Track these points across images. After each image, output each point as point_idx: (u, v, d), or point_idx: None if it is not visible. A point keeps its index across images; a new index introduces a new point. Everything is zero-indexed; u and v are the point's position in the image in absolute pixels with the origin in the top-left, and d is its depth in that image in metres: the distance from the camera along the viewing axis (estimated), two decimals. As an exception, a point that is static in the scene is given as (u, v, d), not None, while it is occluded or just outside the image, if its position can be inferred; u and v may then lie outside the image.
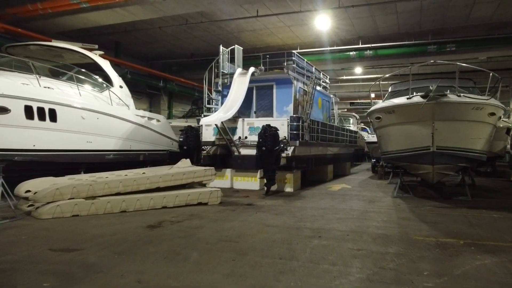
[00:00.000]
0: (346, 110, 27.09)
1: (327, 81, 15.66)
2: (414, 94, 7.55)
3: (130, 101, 11.43)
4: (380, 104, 8.30)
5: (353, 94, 29.97)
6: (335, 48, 16.45)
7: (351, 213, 7.26)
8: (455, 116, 7.05)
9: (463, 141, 7.45)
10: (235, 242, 5.04)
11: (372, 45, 15.88)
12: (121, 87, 11.26)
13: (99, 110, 9.84)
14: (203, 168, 8.69)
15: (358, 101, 31.82)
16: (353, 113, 26.25)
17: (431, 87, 6.78)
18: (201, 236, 5.35)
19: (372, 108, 8.97)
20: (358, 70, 21.23)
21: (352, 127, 21.56)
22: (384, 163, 14.84)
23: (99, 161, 10.10)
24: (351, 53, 16.63)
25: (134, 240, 5.09)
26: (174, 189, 8.15)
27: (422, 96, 6.90)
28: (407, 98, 7.22)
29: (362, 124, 30.07)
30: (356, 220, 6.61)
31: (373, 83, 9.48)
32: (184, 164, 9.05)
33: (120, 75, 11.98)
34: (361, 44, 15.99)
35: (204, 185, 8.86)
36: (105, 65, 11.06)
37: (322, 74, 15.01)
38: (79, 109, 9.24)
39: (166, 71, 20.70)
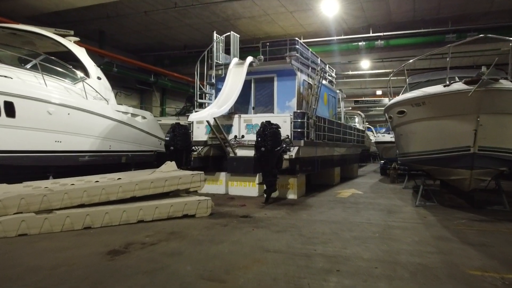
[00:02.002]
0: (350, 108, 25.68)
1: (333, 74, 14.22)
2: (449, 81, 6.11)
3: (110, 95, 10.01)
4: (406, 95, 6.87)
5: (358, 92, 28.52)
6: (342, 37, 14.95)
7: (371, 230, 5.84)
8: (507, 108, 5.62)
9: (510, 140, 6.01)
10: (221, 282, 3.60)
11: (384, 33, 14.39)
12: (99, 78, 9.83)
13: (70, 104, 8.42)
14: (190, 173, 7.26)
15: (363, 99, 30.36)
16: (358, 112, 24.85)
17: (483, 70, 5.35)
18: (175, 269, 3.93)
19: (393, 100, 7.53)
20: (365, 64, 19.72)
21: (358, 126, 20.14)
22: (397, 165, 13.42)
23: (71, 164, 8.68)
24: (360, 43, 15.13)
25: (80, 277, 3.66)
26: (155, 198, 6.73)
27: (467, 83, 5.46)
28: (444, 86, 5.77)
29: (367, 123, 28.64)
30: (380, 240, 5.18)
31: (393, 71, 7.99)
32: (169, 168, 7.62)
33: (99, 65, 10.55)
34: (372, 33, 14.50)
35: (196, 192, 7.45)
36: (80, 53, 9.63)
37: (328, 67, 13.57)
38: (44, 103, 7.81)
39: (158, 64, 19.23)
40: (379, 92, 27.48)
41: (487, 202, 8.03)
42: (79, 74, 9.29)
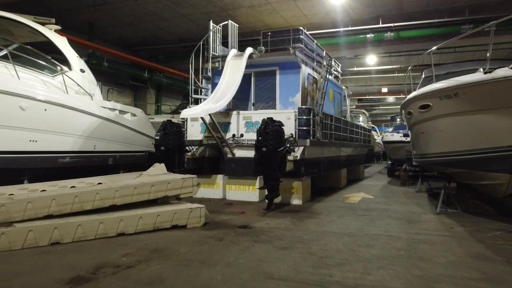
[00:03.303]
0: (354, 107, 24.76)
1: (339, 69, 13.27)
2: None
3: (95, 89, 9.07)
4: (432, 86, 5.92)
5: (361, 90, 27.53)
6: (349, 29, 13.96)
7: (394, 246, 4.90)
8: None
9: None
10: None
11: (394, 24, 13.41)
12: (82, 71, 8.88)
13: (47, 99, 7.48)
14: (181, 176, 6.31)
15: (367, 97, 29.36)
16: (363, 110, 23.91)
17: None
18: (151, 307, 2.99)
19: (415, 93, 6.58)
20: (371, 60, 18.72)
21: (363, 125, 19.23)
22: (407, 166, 12.48)
23: (50, 166, 7.75)
24: (368, 35, 14.17)
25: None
26: (140, 206, 5.80)
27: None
28: (485, 73, 4.82)
29: (370, 122, 27.73)
30: (408, 261, 4.25)
31: (417, 59, 7.01)
32: (157, 171, 6.68)
33: (84, 57, 9.60)
34: (381, 24, 13.52)
35: (190, 197, 6.51)
36: (61, 42, 8.69)
37: (334, 61, 12.61)
38: (16, 97, 6.88)
39: (153, 60, 18.23)
40: (384, 90, 26.48)
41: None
42: (60, 66, 8.34)
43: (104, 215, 5.32)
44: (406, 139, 13.63)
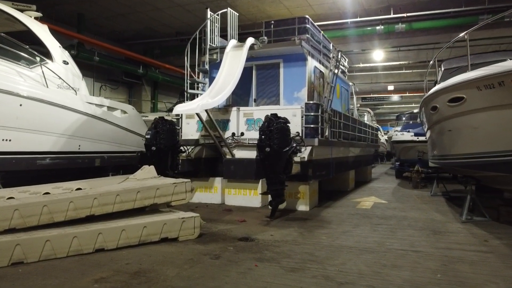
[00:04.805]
0: (359, 105, 23.90)
1: (346, 64, 12.42)
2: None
3: (80, 83, 8.23)
4: (466, 75, 5.06)
5: (365, 88, 26.65)
6: (357, 19, 13.08)
7: (426, 266, 4.06)
8: None
9: None
10: None
11: (407, 14, 12.50)
12: (65, 63, 8.03)
13: (22, 93, 6.64)
14: (172, 181, 5.47)
15: (372, 95, 28.49)
16: (368, 109, 23.09)
17: None
18: None
19: (443, 85, 5.71)
20: (378, 55, 17.83)
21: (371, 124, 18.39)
22: (421, 168, 11.64)
23: (27, 168, 6.91)
24: (377, 27, 13.28)
25: None
26: (124, 216, 4.97)
27: None
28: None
29: (375, 121, 26.91)
30: (450, 289, 3.41)
31: (442, 48, 6.15)
32: (145, 175, 5.83)
33: (66, 47, 8.77)
34: (392, 14, 12.63)
35: (186, 203, 5.68)
36: (41, 31, 7.83)
37: (341, 54, 11.76)
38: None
39: (148, 55, 17.35)
40: (390, 88, 25.58)
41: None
42: (39, 56, 7.49)
43: (79, 228, 4.48)
44: (417, 138, 12.81)
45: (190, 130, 8.50)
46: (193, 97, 8.82)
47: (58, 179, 6.38)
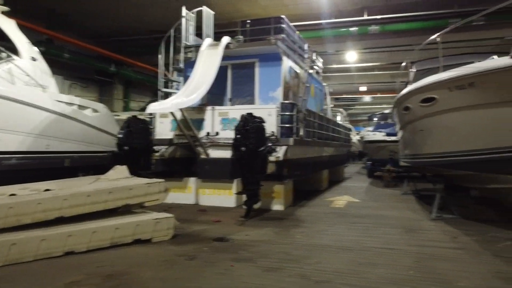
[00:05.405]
0: (332, 105, 24.17)
1: (321, 65, 12.53)
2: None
3: (48, 80, 7.93)
4: (437, 76, 5.17)
5: (339, 88, 27.00)
6: (331, 21, 13.19)
7: (401, 263, 4.12)
8: None
9: None
10: None
11: (380, 16, 12.73)
12: (33, 59, 7.73)
13: (-14, 90, 6.34)
14: (146, 181, 5.34)
15: (344, 96, 28.91)
16: (341, 109, 23.40)
17: None
18: None
19: (416, 85, 5.83)
20: (352, 56, 18.08)
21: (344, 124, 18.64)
22: (392, 167, 11.87)
23: (-9, 168, 6.60)
24: (351, 28, 13.46)
25: None
26: (95, 218, 4.81)
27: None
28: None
29: (348, 122, 27.32)
30: (425, 285, 3.46)
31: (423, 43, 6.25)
32: (117, 175, 5.67)
33: (34, 43, 8.44)
34: (366, 16, 12.82)
35: (160, 204, 5.55)
36: (7, 25, 7.50)
37: (315, 55, 11.85)
38: None
39: (122, 52, 16.93)
40: (363, 88, 26.05)
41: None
42: (5, 52, 7.18)
43: (48, 230, 4.30)
44: (389, 138, 13.06)
45: (164, 130, 8.34)
46: (167, 96, 8.67)
47: (25, 180, 6.11)
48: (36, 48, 8.19)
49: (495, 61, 4.42)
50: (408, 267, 3.98)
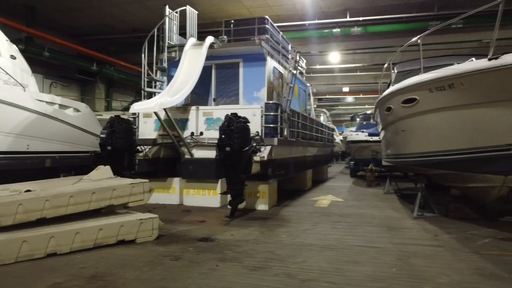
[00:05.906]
0: (315, 106, 24.40)
1: (304, 65, 12.62)
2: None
3: (28, 79, 7.79)
4: (421, 77, 5.28)
5: (322, 89, 27.23)
6: (314, 22, 13.27)
7: (384, 261, 4.19)
8: None
9: None
10: None
11: (362, 18, 12.90)
12: (13, 57, 7.57)
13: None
14: (129, 182, 5.30)
15: (327, 96, 29.17)
16: (324, 110, 23.60)
17: None
18: None
19: (398, 86, 5.94)
20: (335, 57, 18.27)
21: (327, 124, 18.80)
22: (374, 167, 12.04)
23: (-31, 169, 6.44)
24: (334, 30, 13.59)
25: None
26: (79, 219, 4.74)
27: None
28: (489, 59, 4.19)
29: (331, 122, 27.56)
30: (406, 282, 3.55)
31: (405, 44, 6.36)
32: (101, 175, 5.61)
33: (13, 41, 8.27)
34: (349, 18, 12.97)
35: (143, 205, 5.50)
36: (-15, 23, 7.35)
37: (299, 56, 11.92)
38: None
39: (103, 52, 16.67)
40: (346, 89, 26.34)
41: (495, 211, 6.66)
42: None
43: (30, 232, 4.23)
44: (371, 138, 13.25)
45: (147, 130, 8.29)
46: (150, 95, 8.61)
47: (6, 181, 5.99)
48: (15, 46, 8.03)
49: (474, 63, 4.54)
50: (391, 264, 4.06)
